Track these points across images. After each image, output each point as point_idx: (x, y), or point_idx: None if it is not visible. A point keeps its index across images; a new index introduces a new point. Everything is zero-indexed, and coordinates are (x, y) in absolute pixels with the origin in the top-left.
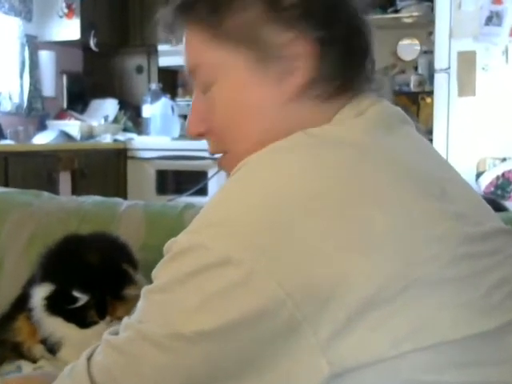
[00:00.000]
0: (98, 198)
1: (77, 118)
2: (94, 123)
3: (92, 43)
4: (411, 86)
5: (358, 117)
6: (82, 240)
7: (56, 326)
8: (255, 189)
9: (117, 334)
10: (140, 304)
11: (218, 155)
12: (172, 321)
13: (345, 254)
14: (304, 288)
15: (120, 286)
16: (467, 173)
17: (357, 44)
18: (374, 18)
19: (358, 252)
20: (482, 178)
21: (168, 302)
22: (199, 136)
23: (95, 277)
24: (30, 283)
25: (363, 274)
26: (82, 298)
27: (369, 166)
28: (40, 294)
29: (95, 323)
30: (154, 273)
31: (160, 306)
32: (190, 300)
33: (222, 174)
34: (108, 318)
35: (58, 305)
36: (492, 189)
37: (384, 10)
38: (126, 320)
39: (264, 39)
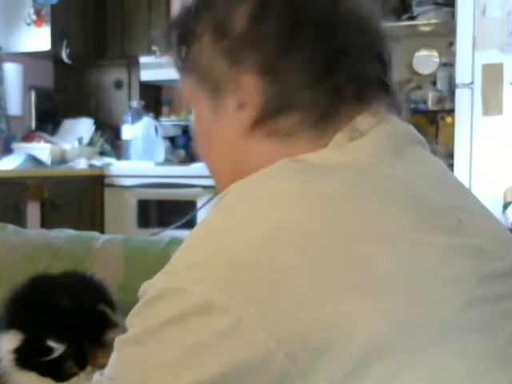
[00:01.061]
0: (70, 232)
1: (47, 141)
2: (67, 146)
3: (64, 55)
4: (429, 103)
5: (359, 139)
6: (52, 280)
7: (29, 382)
8: (238, 224)
9: None
10: (112, 357)
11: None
12: (147, 378)
13: (341, 298)
14: (296, 337)
15: (99, 331)
16: (492, 203)
17: (337, 59)
18: (387, 26)
19: (356, 296)
20: (509, 209)
21: (142, 355)
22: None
23: (70, 322)
24: None
25: (363, 321)
26: (57, 347)
27: (369, 195)
28: (7, 345)
29: (74, 375)
30: (128, 320)
31: (134, 360)
32: (168, 353)
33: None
34: (89, 368)
35: (29, 357)
36: None
37: (398, 16)
38: (97, 376)
39: (213, 72)
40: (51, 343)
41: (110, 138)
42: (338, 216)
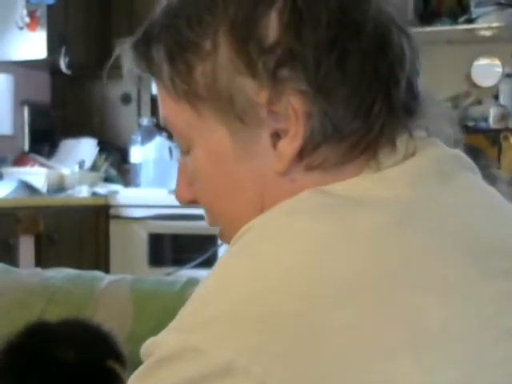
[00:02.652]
0: (70, 272)
1: (42, 164)
2: (66, 171)
3: (63, 64)
4: (490, 120)
5: (397, 165)
6: (51, 330)
7: None
8: (263, 269)
9: None
10: None
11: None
12: None
13: (387, 358)
14: None
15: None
16: None
17: (379, 79)
18: (441, 30)
19: (404, 356)
20: None
21: None
22: (191, 203)
23: (73, 380)
24: None
25: None
26: None
27: (415, 235)
28: None
29: None
30: None
31: None
32: None
33: None
34: None
35: None
36: None
37: (454, 19)
38: None
39: (238, 97)
40: None
41: (116, 161)
42: (381, 262)
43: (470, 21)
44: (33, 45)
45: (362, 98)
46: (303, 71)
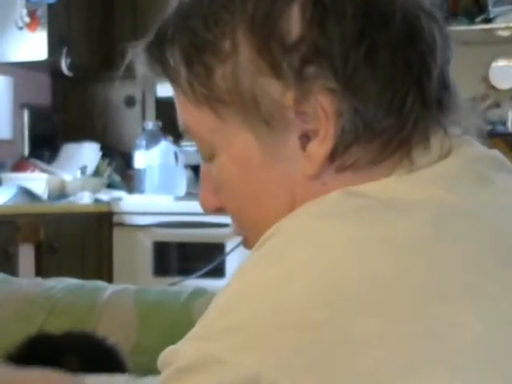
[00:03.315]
0: (72, 282)
1: (43, 170)
2: (67, 177)
3: (64, 65)
4: (509, 124)
5: (432, 166)
6: (54, 342)
7: None
8: (290, 276)
9: None
10: None
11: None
12: None
13: (415, 372)
14: None
15: None
16: None
17: (411, 73)
18: (457, 30)
19: (439, 372)
20: None
21: None
22: (217, 211)
23: None
24: None
25: None
26: None
27: (450, 242)
28: None
29: None
30: None
31: None
32: None
33: None
34: None
35: None
36: None
37: (471, 18)
38: None
39: (259, 98)
40: None
41: (119, 166)
42: (413, 271)
43: (488, 20)
44: (33, 45)
45: (393, 92)
46: (330, 68)
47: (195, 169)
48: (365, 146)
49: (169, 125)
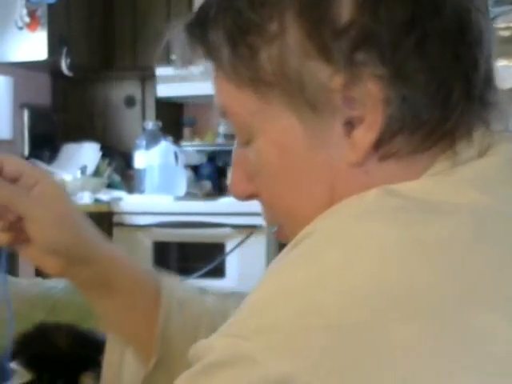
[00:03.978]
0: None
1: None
2: (67, 177)
3: (64, 65)
4: (510, 125)
5: (472, 163)
6: (48, 327)
7: None
8: (327, 277)
9: None
10: None
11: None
12: None
13: (456, 377)
14: None
15: (78, 371)
16: None
17: (459, 63)
18: None
19: (474, 375)
20: None
21: None
22: (249, 198)
23: (64, 366)
24: None
25: None
26: (20, 372)
27: (491, 247)
28: None
29: None
30: None
31: None
32: None
33: (246, 247)
34: None
35: None
36: None
37: None
38: None
39: (306, 81)
40: (16, 366)
41: (119, 166)
42: (453, 277)
43: None
44: (33, 45)
45: (440, 83)
46: (380, 54)
47: (195, 169)
48: (409, 136)
49: (169, 125)
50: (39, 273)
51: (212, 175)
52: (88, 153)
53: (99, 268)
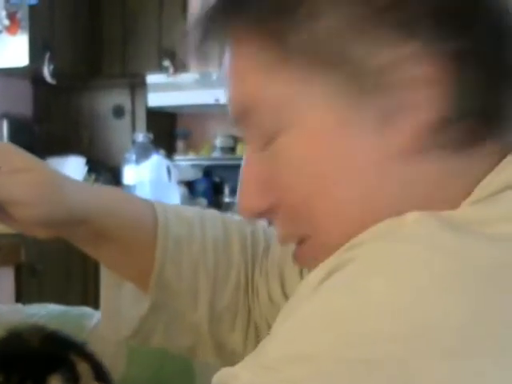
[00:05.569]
0: (55, 308)
1: None
2: None
3: (47, 72)
4: None
5: None
6: (31, 328)
7: None
8: (365, 307)
9: None
10: None
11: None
12: None
13: None
14: None
15: (48, 371)
16: None
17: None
18: None
19: None
20: None
21: None
22: (264, 215)
23: (35, 364)
24: None
25: None
26: None
27: None
28: None
29: None
30: None
31: None
32: None
33: None
34: None
35: None
36: None
37: None
38: None
39: (353, 60)
40: None
41: (107, 182)
42: (505, 309)
43: None
44: (13, 50)
45: (499, 72)
46: (441, 30)
47: (189, 185)
48: (461, 124)
49: (161, 137)
50: (19, 298)
51: (208, 192)
52: (73, 167)
53: (93, 225)
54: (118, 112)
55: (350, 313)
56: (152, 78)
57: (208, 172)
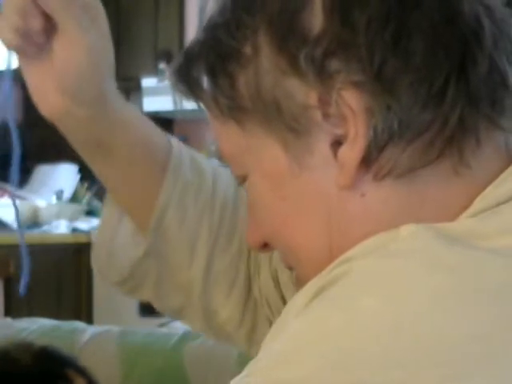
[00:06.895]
0: (46, 323)
1: (12, 195)
2: (41, 203)
3: None
4: None
5: (503, 186)
6: (21, 345)
7: None
8: (361, 328)
9: None
10: None
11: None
12: None
13: None
14: None
15: None
16: None
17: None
18: None
19: None
20: None
21: None
22: (263, 248)
23: (16, 377)
24: None
25: None
26: None
27: None
28: None
29: None
30: None
31: None
32: None
33: None
34: None
35: None
36: None
37: None
38: None
39: (282, 102)
40: None
41: (100, 191)
42: (504, 327)
43: None
44: (1, 51)
45: (430, 83)
46: (355, 60)
47: None
48: (403, 148)
49: None
50: (8, 312)
51: None
52: (64, 175)
53: (101, 124)
54: None
55: (343, 333)
56: (147, 82)
57: None
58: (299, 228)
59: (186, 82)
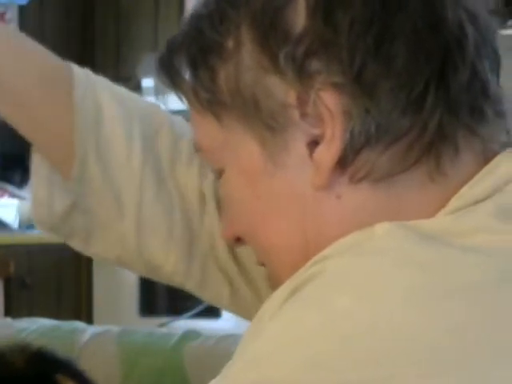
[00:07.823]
0: (46, 323)
1: (13, 195)
2: None
3: None
4: None
5: (496, 196)
6: (14, 346)
7: None
8: (334, 328)
9: None
10: None
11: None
12: None
13: None
14: None
15: None
16: None
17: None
18: None
19: None
20: None
21: None
22: (237, 242)
23: (10, 379)
24: None
25: None
26: None
27: None
28: None
29: None
30: None
31: None
32: None
33: None
34: None
35: None
36: None
37: (500, 22)
38: None
39: (261, 99)
40: None
41: None
42: (480, 323)
43: None
44: None
45: (410, 88)
46: (336, 61)
47: None
48: (380, 153)
49: None
50: (8, 312)
51: None
52: None
53: None
54: None
55: (316, 333)
56: (147, 82)
57: None
58: (273, 227)
59: (168, 73)
